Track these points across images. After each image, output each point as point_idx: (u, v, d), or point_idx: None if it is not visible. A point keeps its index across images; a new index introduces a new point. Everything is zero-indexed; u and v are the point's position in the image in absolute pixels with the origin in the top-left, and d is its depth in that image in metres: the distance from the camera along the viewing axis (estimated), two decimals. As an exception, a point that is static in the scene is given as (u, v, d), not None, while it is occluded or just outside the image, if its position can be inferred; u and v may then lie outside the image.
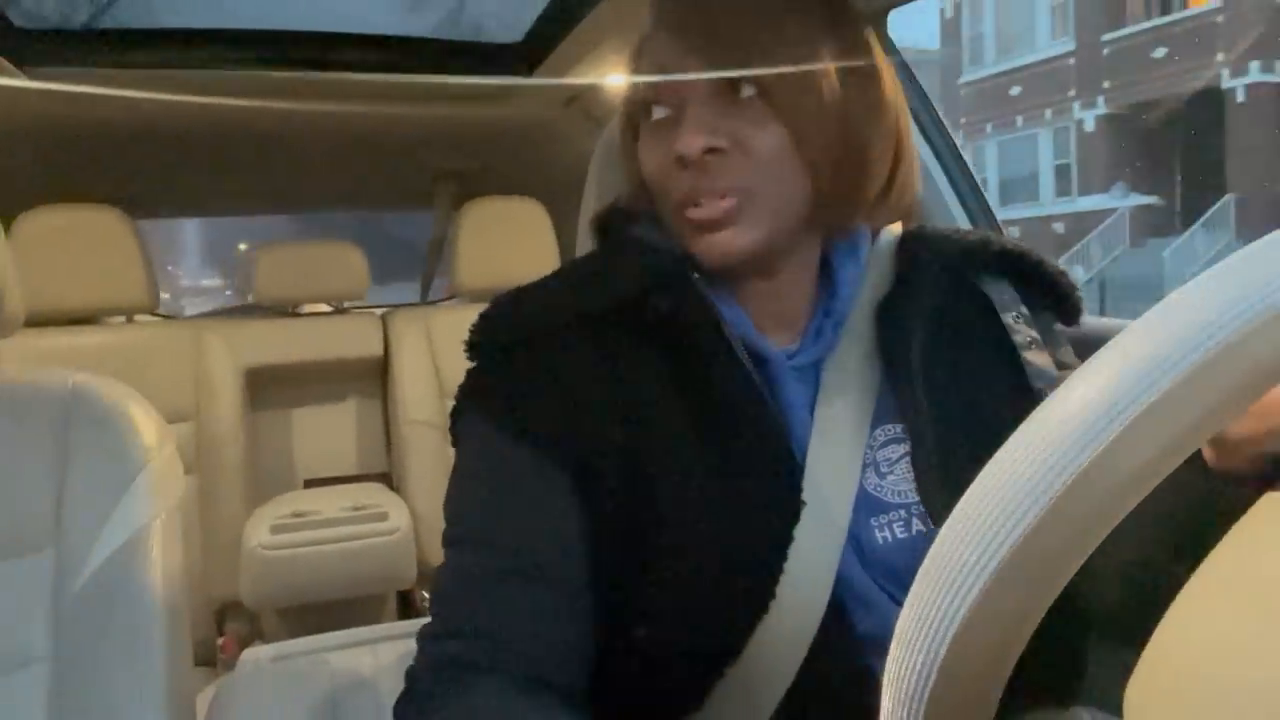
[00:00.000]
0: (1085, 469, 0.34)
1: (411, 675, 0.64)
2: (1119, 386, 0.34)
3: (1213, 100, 14.45)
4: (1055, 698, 0.68)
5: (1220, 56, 14.25)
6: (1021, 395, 0.69)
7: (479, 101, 1.97)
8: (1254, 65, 13.80)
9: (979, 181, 1.51)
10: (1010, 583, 0.35)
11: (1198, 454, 0.55)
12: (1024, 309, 0.74)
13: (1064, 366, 0.72)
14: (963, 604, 0.35)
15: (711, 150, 0.64)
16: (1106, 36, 16.21)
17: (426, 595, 2.18)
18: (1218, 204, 14.29)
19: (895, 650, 0.39)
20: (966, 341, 0.72)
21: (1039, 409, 0.37)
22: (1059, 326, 0.76)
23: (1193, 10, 15.06)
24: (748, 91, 0.66)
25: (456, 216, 2.31)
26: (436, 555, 0.70)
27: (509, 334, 0.70)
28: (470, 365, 0.71)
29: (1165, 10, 15.69)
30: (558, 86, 1.84)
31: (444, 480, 0.71)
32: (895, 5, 1.29)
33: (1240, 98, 14.12)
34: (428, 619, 0.67)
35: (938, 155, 1.46)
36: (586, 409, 0.66)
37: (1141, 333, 0.34)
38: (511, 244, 2.20)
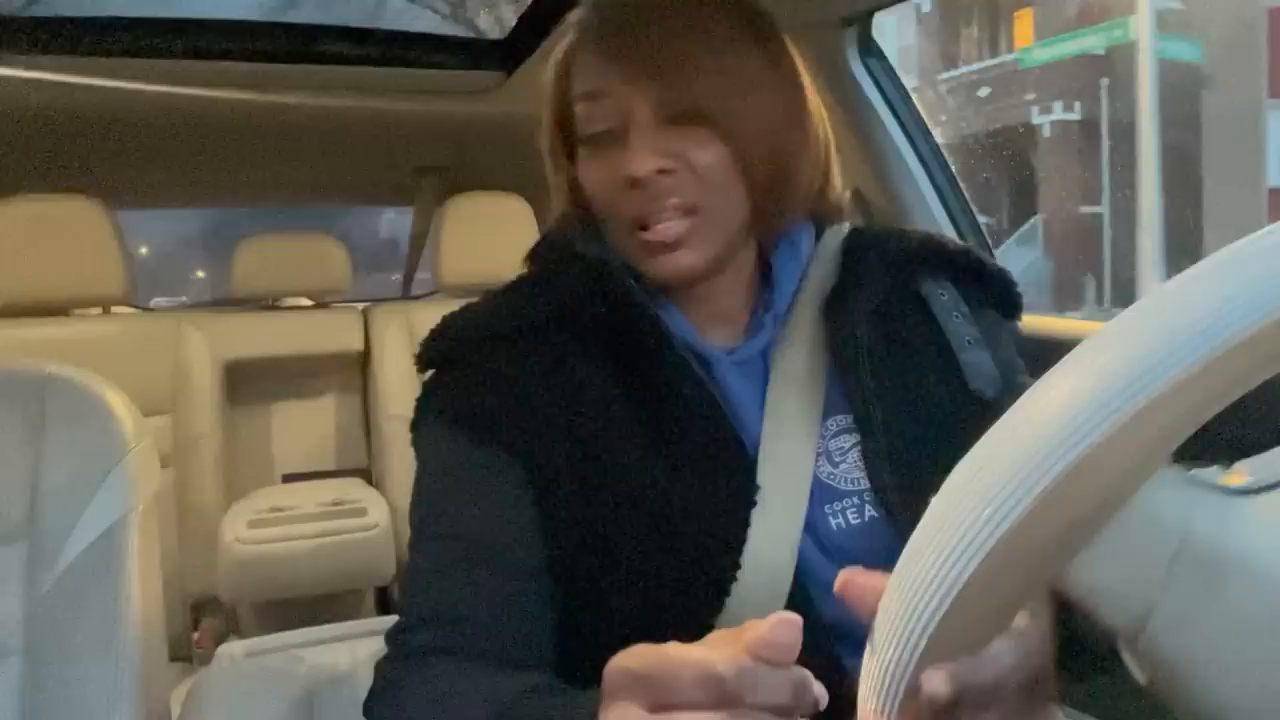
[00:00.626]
0: (1075, 465, 0.33)
1: (379, 670, 0.65)
2: (1099, 386, 0.33)
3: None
4: None
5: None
6: (960, 393, 0.71)
7: (461, 97, 1.97)
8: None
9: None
10: (991, 576, 0.35)
11: None
12: (964, 308, 0.76)
13: (1004, 364, 0.74)
14: (947, 594, 0.35)
15: (661, 171, 0.66)
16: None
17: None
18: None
19: (874, 641, 0.39)
20: (909, 338, 0.74)
21: (1014, 407, 0.37)
22: (1007, 323, 0.79)
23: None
24: (691, 114, 0.67)
25: (439, 211, 2.30)
26: (413, 552, 0.70)
27: (455, 347, 0.72)
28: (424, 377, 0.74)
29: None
30: (542, 82, 1.84)
31: None
32: (880, 7, 1.30)
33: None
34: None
35: (921, 159, 1.46)
36: (534, 412, 0.67)
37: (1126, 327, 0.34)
38: (494, 239, 2.19)
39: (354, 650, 1.09)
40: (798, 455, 0.68)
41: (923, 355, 0.73)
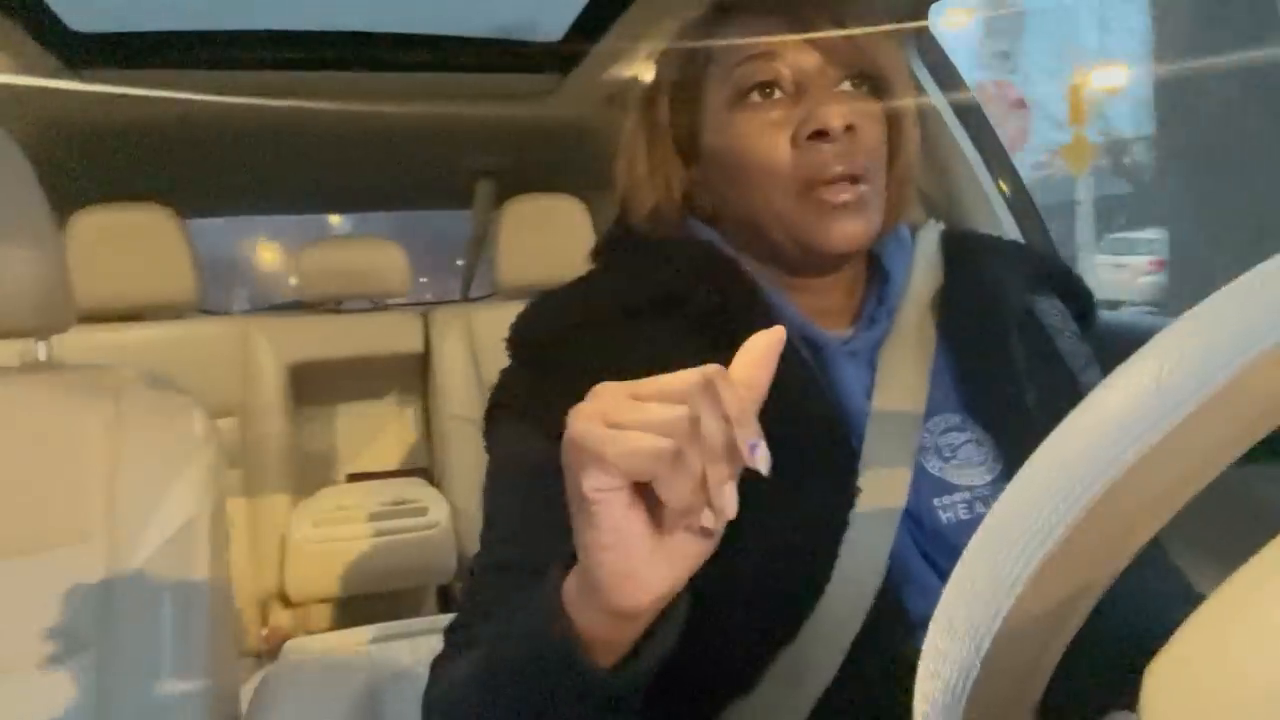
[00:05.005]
0: (1149, 452, 0.32)
1: (432, 667, 0.65)
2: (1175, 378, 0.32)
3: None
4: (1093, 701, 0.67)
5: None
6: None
7: (518, 100, 1.98)
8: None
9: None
10: (1060, 572, 0.34)
11: None
12: (1074, 325, 0.76)
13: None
14: (1013, 587, 0.34)
15: (849, 127, 0.65)
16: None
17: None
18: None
19: (936, 638, 0.38)
20: (1032, 349, 0.73)
21: (1087, 399, 0.36)
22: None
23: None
24: (863, 84, 0.68)
25: (497, 214, 2.33)
26: (475, 549, 0.70)
27: (548, 331, 0.70)
28: (504, 365, 0.72)
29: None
30: (597, 84, 1.84)
31: (483, 475, 0.71)
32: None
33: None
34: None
35: (985, 159, 1.44)
36: None
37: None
38: (552, 241, 2.21)
39: (416, 647, 1.11)
40: (900, 452, 0.66)
41: (1049, 370, 0.73)
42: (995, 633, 0.35)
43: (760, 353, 0.47)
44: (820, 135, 0.65)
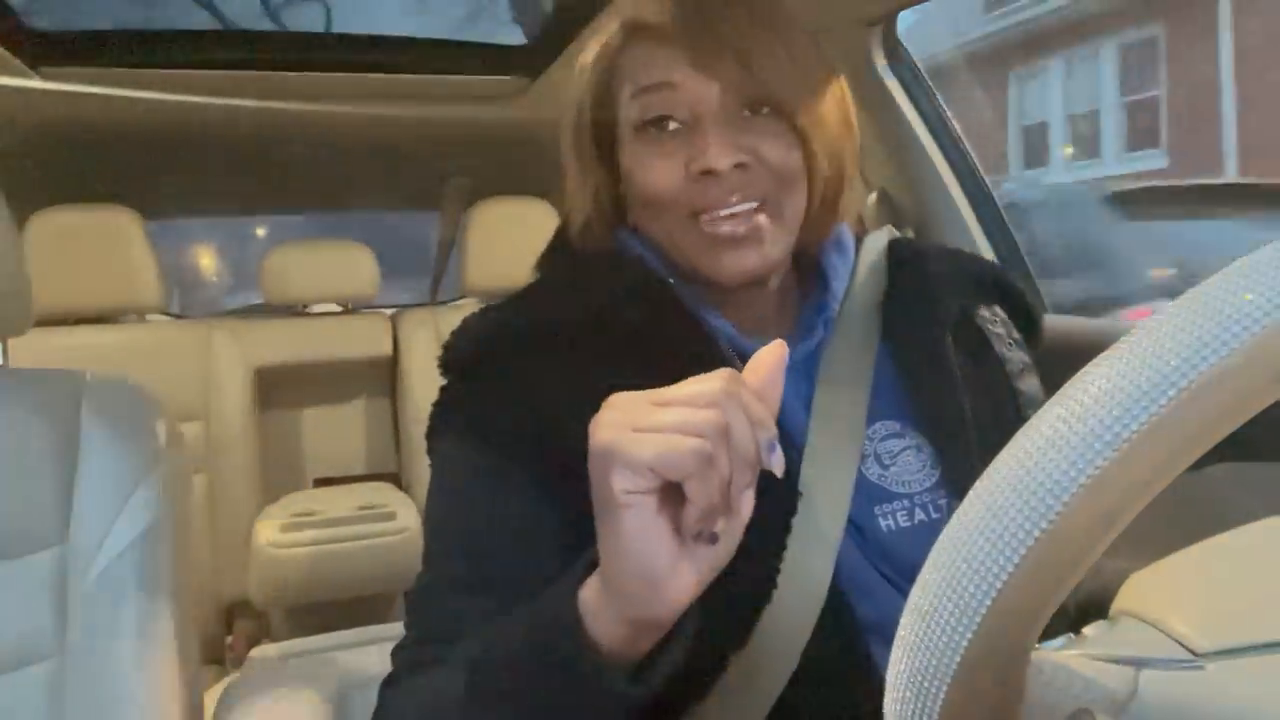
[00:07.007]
0: (1124, 450, 0.32)
1: (383, 687, 0.65)
2: (1151, 369, 0.32)
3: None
4: None
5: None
6: (1014, 418, 0.71)
7: (486, 102, 1.98)
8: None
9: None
10: (1040, 567, 0.34)
11: None
12: (1015, 334, 0.77)
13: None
14: (988, 595, 0.34)
15: (739, 165, 0.65)
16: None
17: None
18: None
19: (906, 648, 0.38)
20: (973, 357, 0.74)
21: (1058, 397, 0.36)
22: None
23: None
24: (765, 108, 0.67)
25: (465, 217, 2.31)
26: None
27: (479, 350, 0.70)
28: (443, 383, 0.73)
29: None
30: (566, 87, 1.84)
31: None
32: (904, 7, 1.29)
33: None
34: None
35: (950, 162, 1.45)
36: (559, 421, 0.64)
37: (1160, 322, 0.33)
38: (520, 244, 2.18)
39: (384, 653, 1.10)
40: (843, 459, 0.67)
41: (985, 376, 0.73)
42: (977, 626, 0.35)
43: (765, 366, 0.49)
44: (709, 174, 0.65)
